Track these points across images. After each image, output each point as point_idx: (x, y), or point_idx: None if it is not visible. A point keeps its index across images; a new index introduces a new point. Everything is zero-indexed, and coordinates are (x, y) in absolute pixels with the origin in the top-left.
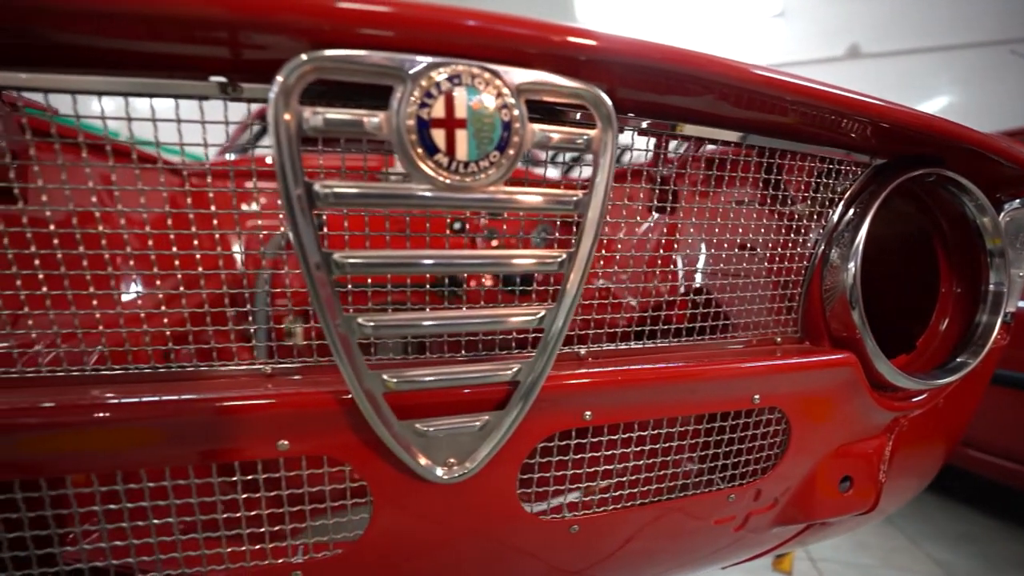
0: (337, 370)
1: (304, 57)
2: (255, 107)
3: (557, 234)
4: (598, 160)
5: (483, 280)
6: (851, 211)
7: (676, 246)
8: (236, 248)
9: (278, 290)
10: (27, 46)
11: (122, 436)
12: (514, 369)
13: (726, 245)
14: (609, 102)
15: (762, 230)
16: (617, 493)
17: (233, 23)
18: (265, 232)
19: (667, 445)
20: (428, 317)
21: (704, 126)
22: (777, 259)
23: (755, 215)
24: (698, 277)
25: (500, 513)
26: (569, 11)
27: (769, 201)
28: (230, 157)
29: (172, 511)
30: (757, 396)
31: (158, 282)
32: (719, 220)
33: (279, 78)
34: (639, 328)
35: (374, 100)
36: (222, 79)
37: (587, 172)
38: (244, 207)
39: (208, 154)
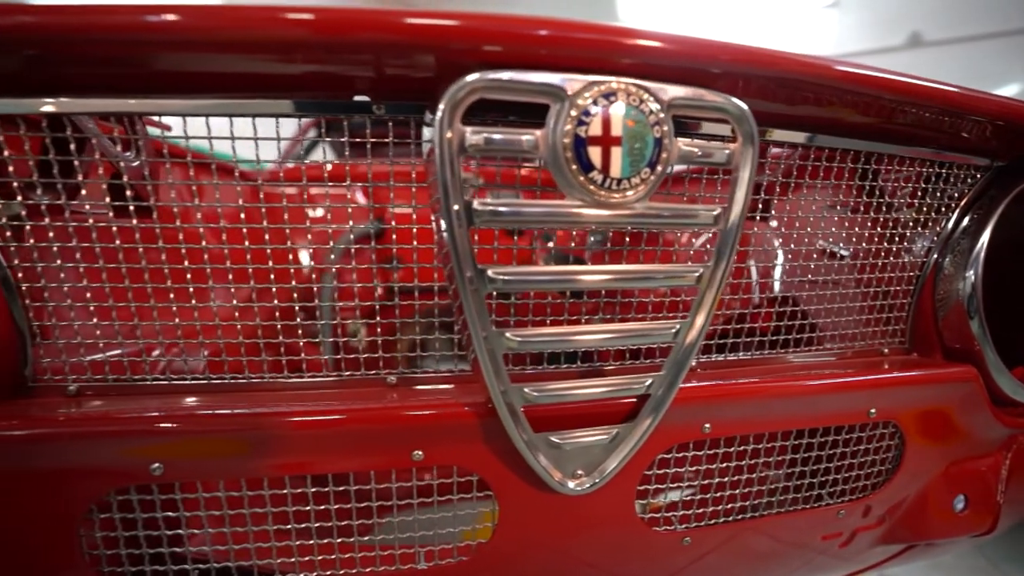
0: (462, 381)
1: (471, 78)
2: (304, 121)
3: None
4: (738, 175)
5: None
6: (968, 217)
7: (780, 255)
8: (359, 263)
9: (405, 303)
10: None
11: (268, 445)
12: (647, 382)
13: (832, 253)
14: (752, 117)
15: (870, 237)
16: (729, 506)
17: (394, 46)
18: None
19: (779, 459)
20: (570, 332)
21: (817, 133)
22: (886, 267)
23: (861, 222)
24: (802, 286)
25: (618, 524)
26: (611, 8)
27: (877, 208)
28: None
29: (311, 516)
30: (873, 410)
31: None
32: (825, 228)
33: (446, 98)
34: (747, 339)
35: (500, 115)
36: (365, 98)
37: None
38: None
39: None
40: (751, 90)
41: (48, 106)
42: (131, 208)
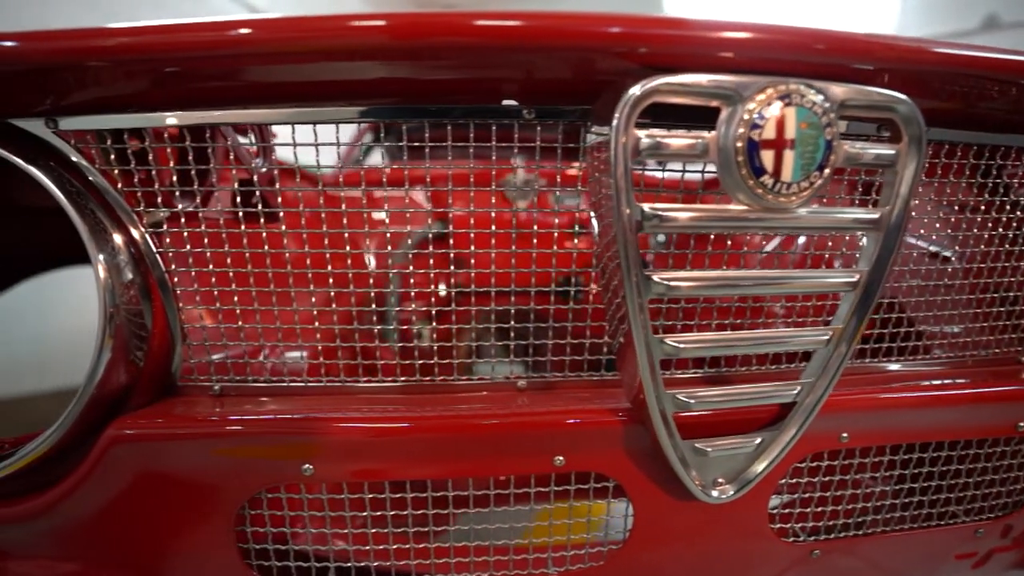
0: (597, 386)
1: (651, 83)
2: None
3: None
4: (902, 176)
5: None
6: None
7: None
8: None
9: (541, 307)
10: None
11: (415, 448)
12: (796, 390)
13: (967, 256)
14: (921, 117)
15: (1006, 238)
16: (861, 519)
17: (561, 51)
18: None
19: (916, 471)
20: (727, 338)
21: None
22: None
23: (994, 222)
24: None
25: (749, 533)
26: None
27: (1012, 207)
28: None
29: (450, 519)
30: (1022, 423)
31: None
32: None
33: (623, 102)
34: (880, 345)
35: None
36: (513, 102)
37: None
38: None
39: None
40: (914, 88)
41: (175, 118)
42: (281, 214)
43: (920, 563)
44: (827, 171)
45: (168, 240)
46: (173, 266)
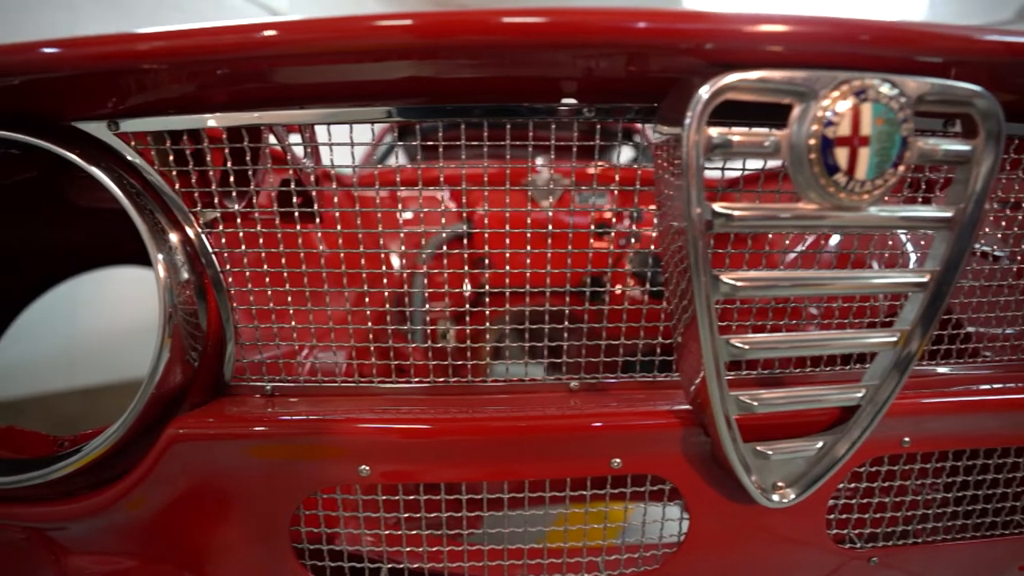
0: (651, 387)
1: (724, 81)
2: (379, 127)
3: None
4: (977, 173)
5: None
6: None
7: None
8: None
9: (595, 307)
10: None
11: (471, 450)
12: (860, 393)
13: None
14: (1001, 112)
15: None
16: (921, 526)
17: (626, 49)
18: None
19: (979, 479)
20: (794, 339)
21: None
22: None
23: None
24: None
25: (807, 539)
26: None
27: None
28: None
29: (504, 523)
30: None
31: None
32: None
33: (696, 100)
34: (941, 347)
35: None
36: (573, 101)
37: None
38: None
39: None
40: (985, 81)
41: (232, 120)
42: (336, 214)
43: (982, 574)
44: (901, 168)
45: (223, 240)
46: (228, 266)
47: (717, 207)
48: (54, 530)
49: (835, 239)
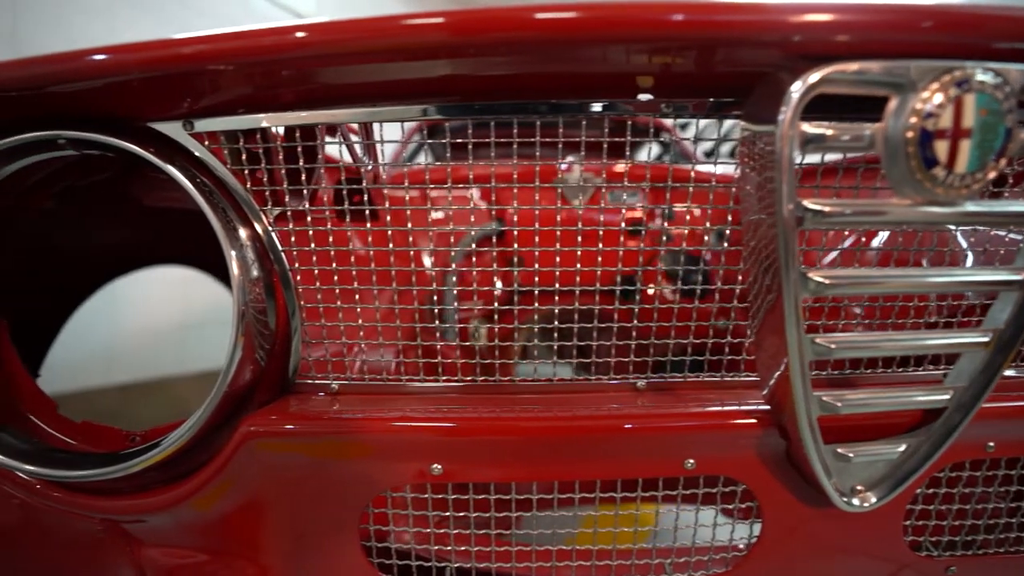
0: (721, 387)
1: (820, 74)
2: (409, 126)
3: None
4: None
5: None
6: None
7: None
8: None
9: (664, 306)
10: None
11: (543, 450)
12: (947, 395)
13: None
14: None
15: None
16: (1003, 536)
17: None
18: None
19: None
20: (881, 339)
21: None
22: None
23: None
24: None
25: (883, 545)
26: None
27: None
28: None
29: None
30: None
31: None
32: None
33: (791, 94)
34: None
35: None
36: (649, 96)
37: None
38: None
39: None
40: None
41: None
42: (406, 214)
43: None
44: (1003, 162)
45: (292, 238)
46: (296, 263)
47: (808, 203)
48: (130, 522)
49: (880, 237)
